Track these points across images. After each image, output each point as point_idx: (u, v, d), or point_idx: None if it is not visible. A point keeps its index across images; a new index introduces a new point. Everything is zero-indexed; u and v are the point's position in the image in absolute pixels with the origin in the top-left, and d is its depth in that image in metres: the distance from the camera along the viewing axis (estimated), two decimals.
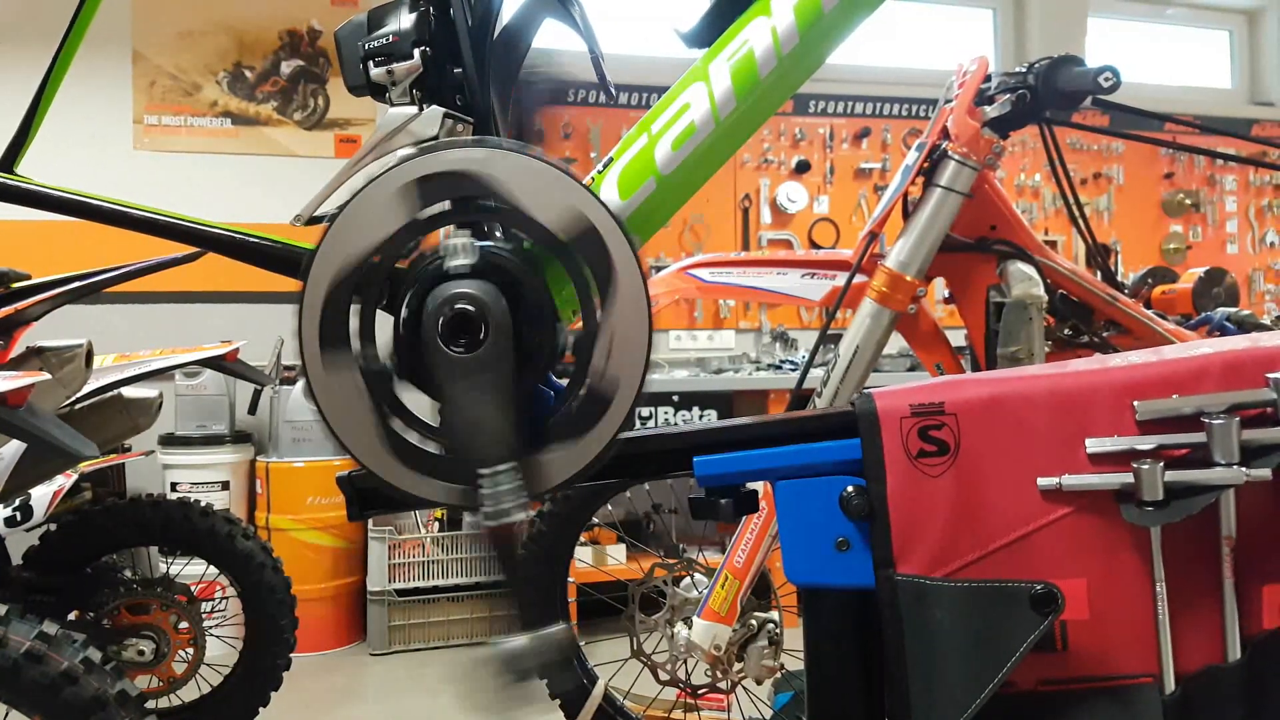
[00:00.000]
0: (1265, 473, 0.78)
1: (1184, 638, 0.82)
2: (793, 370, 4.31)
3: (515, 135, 1.12)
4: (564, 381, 0.93)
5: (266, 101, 4.33)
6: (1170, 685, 0.82)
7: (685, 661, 2.08)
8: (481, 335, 0.86)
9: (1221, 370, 0.83)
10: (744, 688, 2.09)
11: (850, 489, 0.88)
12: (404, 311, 0.89)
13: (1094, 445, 0.83)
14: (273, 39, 4.34)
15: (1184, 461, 0.81)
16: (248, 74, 4.31)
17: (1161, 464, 0.80)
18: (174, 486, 3.74)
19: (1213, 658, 0.82)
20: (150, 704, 1.50)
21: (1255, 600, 0.83)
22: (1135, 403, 0.83)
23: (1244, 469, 0.78)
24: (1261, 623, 0.83)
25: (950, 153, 1.74)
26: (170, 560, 2.69)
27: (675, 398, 4.11)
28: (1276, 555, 0.82)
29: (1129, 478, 0.81)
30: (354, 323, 0.87)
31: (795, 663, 1.37)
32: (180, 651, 2.39)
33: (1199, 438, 0.80)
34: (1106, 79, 1.66)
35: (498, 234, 0.94)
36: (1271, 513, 0.82)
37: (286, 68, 4.35)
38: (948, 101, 1.81)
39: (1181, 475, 0.80)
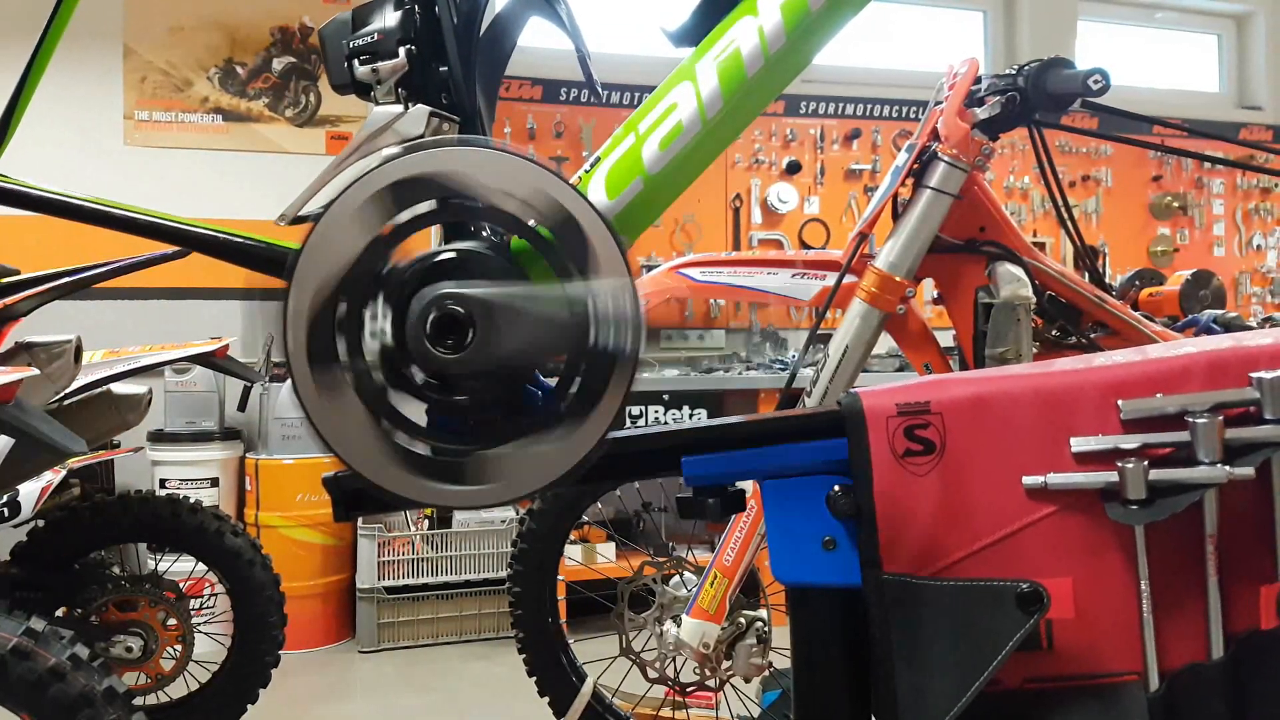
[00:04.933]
0: (1248, 471, 0.79)
1: (1168, 636, 0.83)
2: (782, 370, 4.32)
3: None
4: (552, 381, 0.93)
5: (258, 98, 4.32)
6: (1154, 683, 0.83)
7: (674, 659, 2.09)
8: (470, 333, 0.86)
9: (1205, 370, 0.83)
10: (732, 686, 2.10)
11: (837, 488, 0.88)
12: (390, 317, 0.88)
13: (1079, 444, 0.84)
14: (264, 35, 4.33)
15: (1168, 460, 0.81)
16: (239, 70, 4.30)
17: (1146, 463, 0.80)
18: (163, 483, 3.73)
19: (1197, 655, 0.83)
20: (138, 701, 1.50)
21: (1238, 598, 0.83)
22: (1120, 402, 0.84)
23: (1227, 468, 0.79)
24: (1244, 620, 0.83)
25: (940, 154, 1.74)
26: (159, 557, 2.69)
27: (665, 396, 4.11)
28: (1259, 553, 0.83)
29: (1113, 476, 0.81)
30: (342, 346, 0.86)
31: (783, 661, 1.38)
32: (168, 648, 2.39)
33: (1183, 436, 0.81)
34: (1096, 82, 1.67)
35: (484, 232, 0.94)
36: (1254, 511, 0.83)
37: (278, 64, 4.34)
38: (938, 103, 1.81)
39: (1165, 474, 0.80)
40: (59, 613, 2.31)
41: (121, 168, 4.12)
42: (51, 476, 2.43)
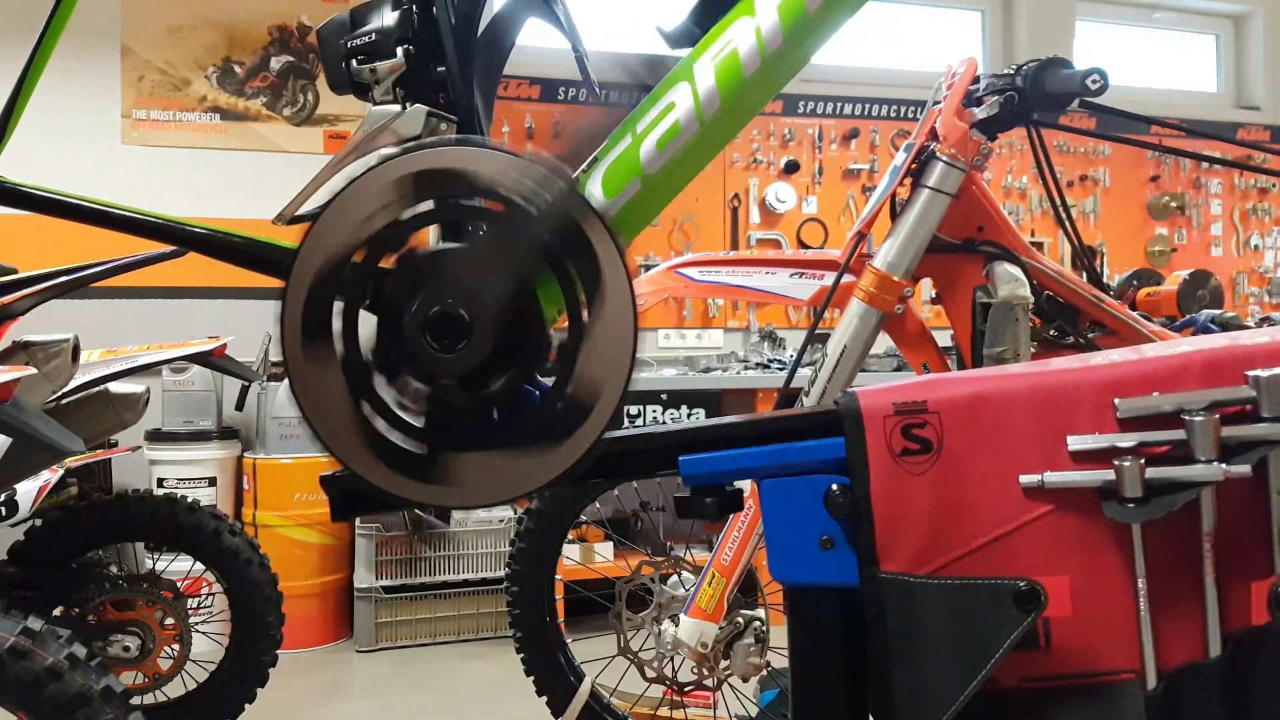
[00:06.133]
0: (1245, 469, 0.79)
1: (1165, 634, 0.83)
2: (780, 369, 4.31)
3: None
4: (549, 381, 0.92)
5: (256, 97, 4.32)
6: (1152, 681, 0.83)
7: (672, 659, 2.09)
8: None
9: (1202, 368, 0.83)
10: (730, 685, 2.10)
11: (834, 487, 0.88)
12: (387, 310, 0.88)
13: (1075, 443, 0.84)
14: (262, 34, 4.32)
15: (1165, 459, 0.81)
16: (237, 69, 4.29)
17: (1142, 461, 0.80)
18: (161, 482, 3.73)
19: (1194, 654, 0.83)
20: (135, 700, 1.50)
21: (1235, 596, 0.83)
22: (1116, 400, 0.84)
23: (1224, 466, 0.79)
24: (1242, 619, 0.83)
25: (938, 154, 1.75)
26: (156, 556, 2.69)
27: (664, 396, 4.11)
28: (1256, 551, 0.83)
29: (1110, 475, 0.81)
30: (337, 324, 0.86)
31: (781, 660, 1.38)
32: (166, 648, 2.39)
33: (1179, 435, 0.81)
34: (1094, 81, 1.67)
35: (481, 232, 0.94)
36: (1251, 509, 0.83)
37: (276, 63, 4.34)
38: (936, 103, 1.81)
39: (1162, 472, 0.80)
40: (56, 612, 2.31)
41: (119, 167, 4.12)
42: (49, 475, 2.43)
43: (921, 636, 0.85)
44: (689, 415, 4.13)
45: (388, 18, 1.04)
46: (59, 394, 1.97)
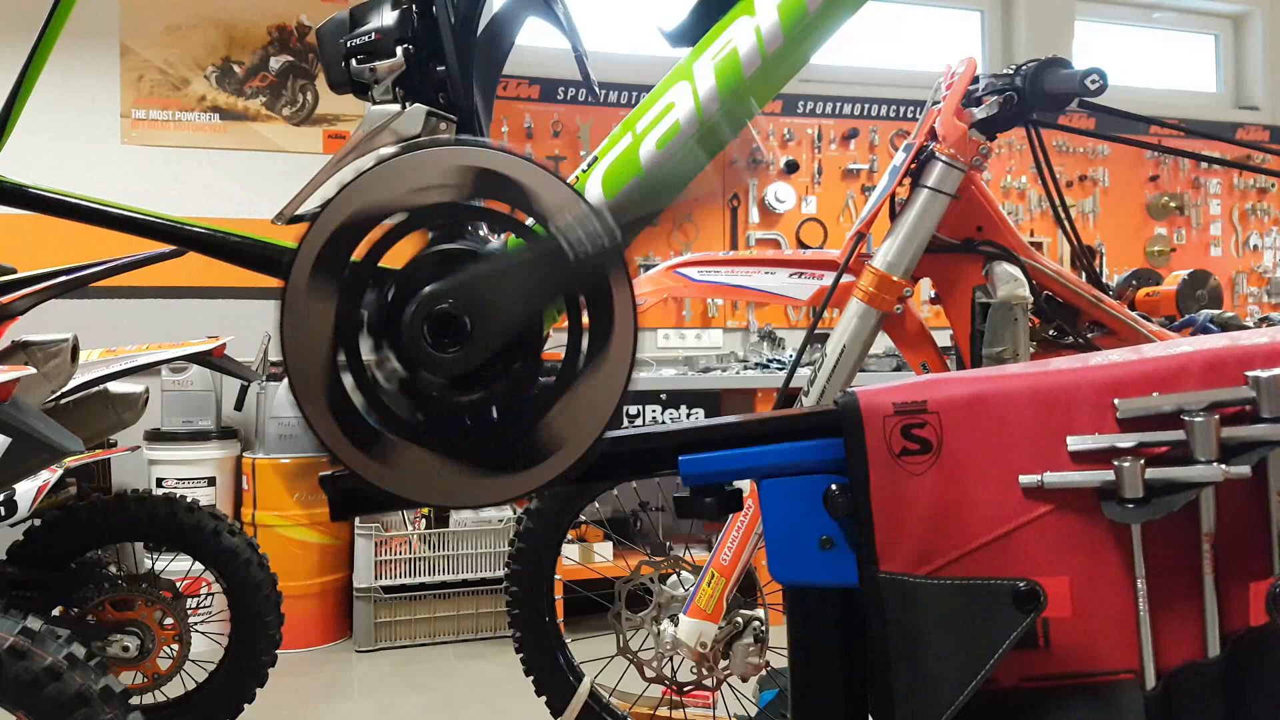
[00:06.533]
0: (1244, 470, 0.79)
1: (1165, 634, 0.83)
2: (780, 369, 4.31)
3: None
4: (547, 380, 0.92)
5: (255, 97, 4.32)
6: (1151, 681, 0.83)
7: (671, 659, 2.09)
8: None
9: (1201, 368, 0.83)
10: (729, 685, 2.10)
11: (834, 487, 0.88)
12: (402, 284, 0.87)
13: (1075, 443, 0.84)
14: (261, 34, 4.32)
15: (1164, 459, 0.81)
16: (236, 69, 4.29)
17: (1142, 461, 0.80)
18: (160, 482, 3.73)
19: (1193, 654, 0.83)
20: (135, 700, 1.50)
21: (1235, 597, 0.83)
22: (1116, 401, 0.84)
23: (1223, 466, 0.79)
24: (1241, 619, 0.83)
25: (937, 154, 1.75)
26: (156, 556, 2.69)
27: (663, 396, 4.11)
28: (1255, 552, 0.83)
29: (1110, 475, 0.81)
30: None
31: (780, 660, 1.37)
32: (165, 648, 2.39)
33: (1179, 435, 0.81)
34: (1093, 81, 1.67)
35: (481, 233, 0.94)
36: (1251, 510, 0.83)
37: (275, 63, 4.34)
38: (935, 103, 1.81)
39: (1162, 473, 0.80)
40: (55, 612, 2.31)
41: (118, 166, 4.11)
42: (48, 475, 2.43)
43: (921, 636, 0.85)
44: (688, 415, 4.13)
45: (387, 17, 1.04)
46: (58, 394, 1.97)
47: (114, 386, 2.23)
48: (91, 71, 4.08)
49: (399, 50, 1.03)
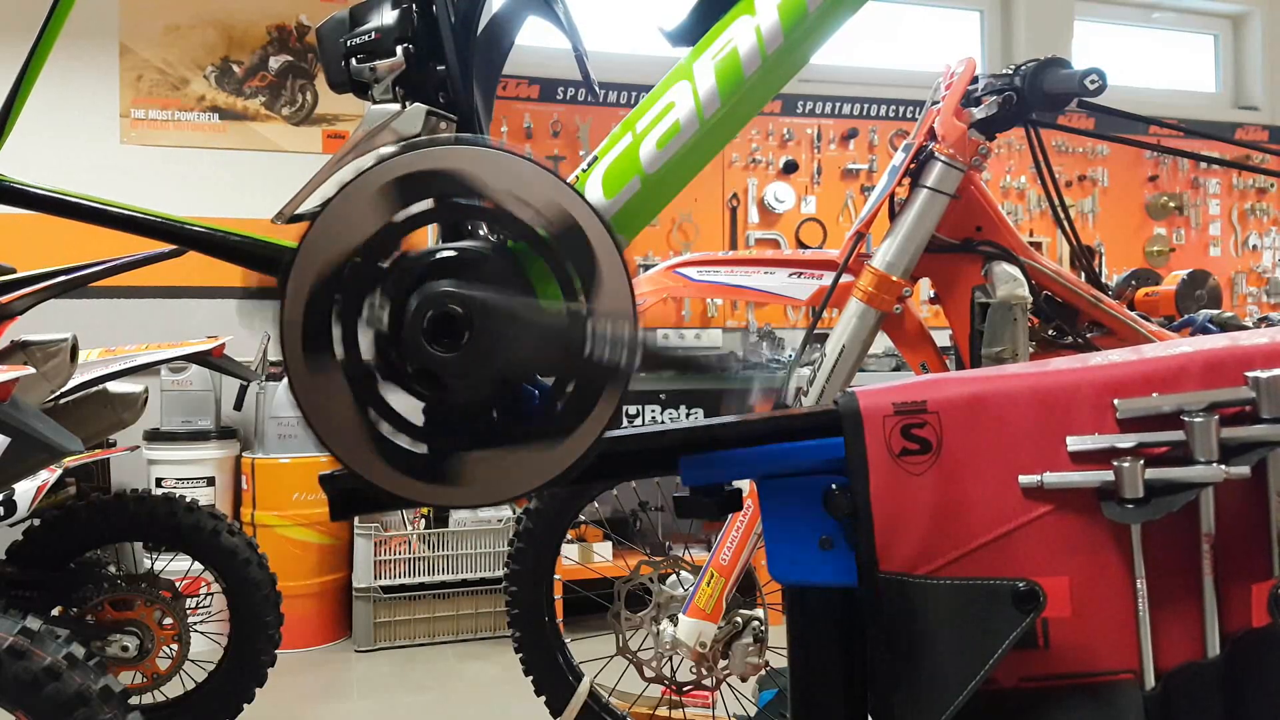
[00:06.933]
0: (1244, 470, 0.78)
1: (1164, 635, 0.83)
2: (779, 369, 4.31)
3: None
4: (548, 380, 0.92)
5: (254, 96, 4.32)
6: (1150, 682, 0.83)
7: (670, 659, 2.09)
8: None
9: (1201, 369, 0.83)
10: (729, 685, 2.10)
11: (833, 487, 0.88)
12: (388, 308, 0.87)
13: (1075, 443, 0.84)
14: (261, 34, 4.32)
15: (1164, 459, 0.81)
16: (235, 69, 4.29)
17: (1142, 462, 0.80)
18: (159, 482, 3.73)
19: (1192, 654, 0.83)
20: (134, 700, 1.50)
21: (1234, 597, 0.83)
22: (1116, 401, 0.83)
23: (1223, 467, 0.79)
24: (1241, 620, 0.83)
25: (937, 154, 1.75)
26: (155, 556, 2.69)
27: (662, 396, 4.11)
28: (1255, 552, 0.83)
29: (1110, 475, 0.81)
30: (337, 330, 0.85)
31: (780, 660, 1.37)
32: (164, 648, 2.39)
33: (1179, 436, 0.81)
34: (1092, 81, 1.67)
35: (480, 232, 0.94)
36: (1250, 510, 0.83)
37: (275, 63, 4.34)
38: (935, 103, 1.81)
39: (1162, 473, 0.80)
40: (55, 612, 2.31)
41: (118, 166, 4.11)
42: (47, 475, 2.42)
43: (920, 637, 0.84)
44: (688, 415, 4.13)
45: (387, 16, 1.04)
46: (57, 393, 1.97)
47: (113, 386, 2.23)
48: (91, 71, 4.08)
49: (399, 49, 1.03)
